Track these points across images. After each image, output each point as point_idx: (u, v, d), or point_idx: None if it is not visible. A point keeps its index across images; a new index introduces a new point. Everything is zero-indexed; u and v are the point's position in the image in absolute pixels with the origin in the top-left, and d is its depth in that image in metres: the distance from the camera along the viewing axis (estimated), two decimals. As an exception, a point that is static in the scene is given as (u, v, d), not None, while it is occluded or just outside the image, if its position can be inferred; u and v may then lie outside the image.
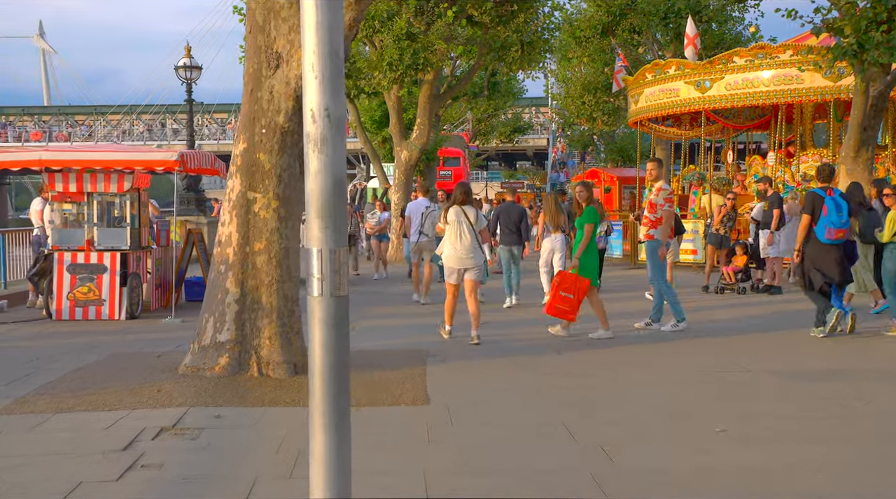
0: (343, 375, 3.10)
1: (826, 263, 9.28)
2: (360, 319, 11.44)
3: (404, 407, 6.41)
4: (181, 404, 6.37)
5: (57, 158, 10.98)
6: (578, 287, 9.35)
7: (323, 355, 3.01)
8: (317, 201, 3.01)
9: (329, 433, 2.83)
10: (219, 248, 7.56)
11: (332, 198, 3.04)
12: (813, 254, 9.36)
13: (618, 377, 7.53)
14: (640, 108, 21.77)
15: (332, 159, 3.07)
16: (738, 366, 7.95)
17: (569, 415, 6.11)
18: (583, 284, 9.37)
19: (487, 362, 8.22)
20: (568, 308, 9.36)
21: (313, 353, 3.04)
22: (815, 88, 17.79)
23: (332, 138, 3.06)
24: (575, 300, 9.33)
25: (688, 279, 16.48)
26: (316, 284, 3.00)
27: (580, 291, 9.35)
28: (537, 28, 21.76)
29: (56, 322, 11.10)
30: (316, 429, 2.82)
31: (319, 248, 2.95)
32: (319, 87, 3.01)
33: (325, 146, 3.11)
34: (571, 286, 9.36)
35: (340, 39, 2.90)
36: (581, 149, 51.79)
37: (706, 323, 10.83)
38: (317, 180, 3.08)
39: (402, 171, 22.45)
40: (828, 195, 9.28)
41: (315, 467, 2.71)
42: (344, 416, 2.85)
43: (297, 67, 7.38)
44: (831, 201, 9.21)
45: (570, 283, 9.39)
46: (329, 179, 3.04)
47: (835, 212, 9.14)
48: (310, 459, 2.70)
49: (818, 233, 9.25)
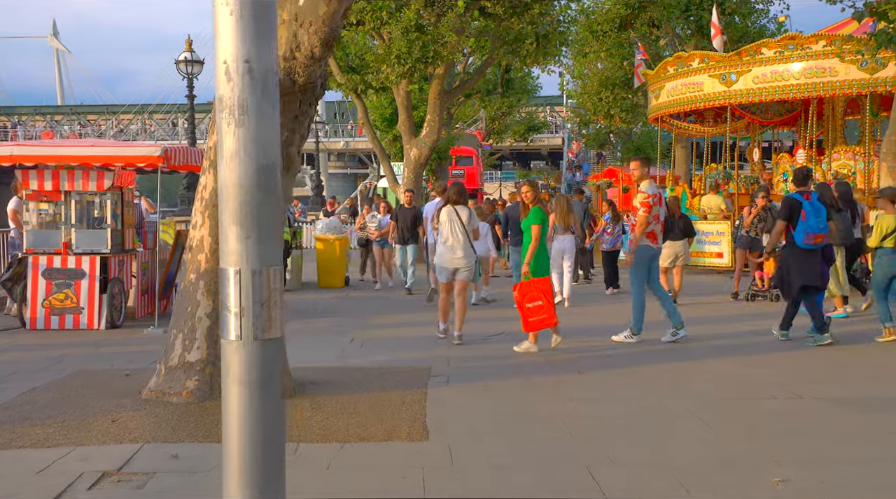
0: (273, 461, 2.12)
1: (805, 269, 9.02)
2: (358, 329, 10.50)
3: (398, 443, 5.43)
4: (135, 440, 5.42)
5: (29, 154, 10.07)
6: (541, 290, 8.71)
7: (243, 434, 2.04)
8: (234, 199, 2.03)
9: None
10: (189, 254, 6.61)
11: (257, 194, 2.05)
12: (791, 259, 9.12)
13: (648, 404, 6.52)
14: (660, 104, 20.73)
15: (257, 136, 2.08)
16: (784, 390, 6.93)
17: (593, 455, 5.12)
18: (544, 284, 8.78)
19: (499, 384, 7.24)
20: (544, 315, 8.65)
21: (229, 429, 2.03)
22: (849, 81, 16.72)
23: (257, 105, 2.06)
24: (545, 304, 8.65)
25: (715, 286, 15.44)
26: (232, 323, 2.03)
27: (545, 292, 8.72)
28: (553, 20, 20.72)
29: (30, 332, 10.19)
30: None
31: (238, 267, 1.98)
32: (237, 28, 2.03)
33: (245, 117, 2.09)
34: (534, 293, 8.68)
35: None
36: (597, 148, 50.65)
37: (739, 336, 9.83)
38: (233, 168, 2.08)
39: (412, 169, 21.50)
40: (805, 199, 9.03)
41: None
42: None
43: (279, 47, 6.42)
44: (809, 206, 8.95)
45: (532, 290, 8.69)
46: (251, 166, 2.05)
47: (813, 216, 8.91)
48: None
49: (797, 238, 8.98)
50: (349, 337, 9.90)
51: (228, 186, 1.99)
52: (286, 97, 6.60)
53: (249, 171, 1.96)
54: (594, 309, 12.54)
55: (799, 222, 8.94)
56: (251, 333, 1.92)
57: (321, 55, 6.43)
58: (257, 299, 1.90)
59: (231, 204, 1.96)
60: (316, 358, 8.43)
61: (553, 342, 8.90)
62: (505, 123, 44.48)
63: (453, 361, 8.29)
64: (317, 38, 6.33)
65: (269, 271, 1.92)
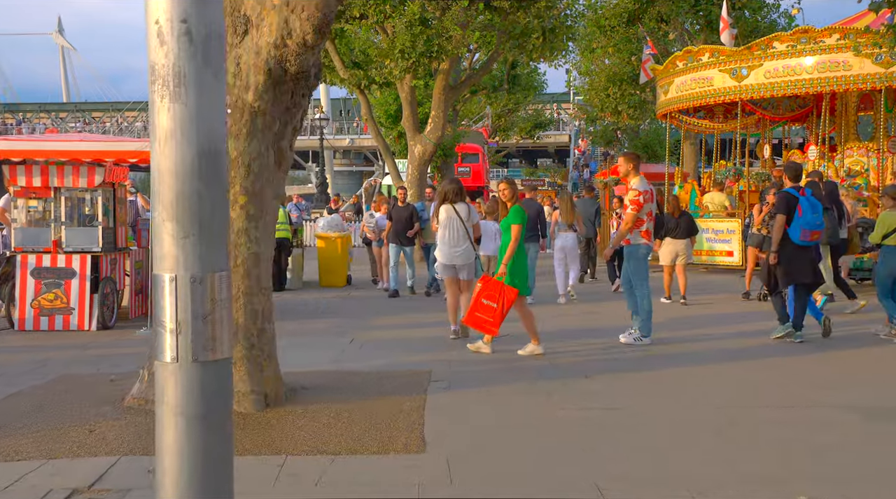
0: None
1: (797, 266, 8.88)
2: (358, 330, 10.14)
3: (393, 456, 5.07)
4: (112, 452, 5.06)
5: (16, 148, 9.74)
6: (503, 297, 8.10)
7: (180, 476, 1.64)
8: (169, 190, 1.68)
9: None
10: (175, 253, 6.24)
11: (197, 184, 1.68)
12: (784, 256, 8.93)
13: (663, 414, 6.14)
14: (669, 99, 20.29)
15: (198, 113, 1.70)
16: (806, 400, 6.55)
17: (605, 471, 4.74)
18: (510, 293, 8.13)
19: (503, 389, 6.87)
20: (489, 319, 8.12)
21: (163, 467, 1.63)
22: (864, 75, 16.26)
23: (197, 75, 1.71)
24: (498, 311, 8.08)
25: (725, 284, 15.04)
26: (167, 341, 1.64)
27: (506, 301, 8.11)
28: (559, 14, 20.28)
29: (18, 333, 9.86)
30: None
31: (173, 273, 1.60)
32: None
33: (181, 89, 1.72)
34: (495, 294, 8.12)
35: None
36: (604, 145, 50.18)
37: (750, 336, 9.45)
38: (167, 152, 1.72)
39: (416, 166, 21.10)
40: (801, 195, 8.87)
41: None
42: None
43: (269, 34, 6.07)
44: (806, 201, 8.80)
45: (494, 290, 8.14)
46: (189, 151, 1.69)
47: (810, 212, 8.76)
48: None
49: (792, 234, 8.83)
50: (348, 338, 9.55)
51: (162, 173, 1.64)
52: (278, 87, 6.24)
53: (188, 156, 1.62)
54: (600, 308, 12.19)
55: (795, 218, 8.77)
56: (189, 353, 1.56)
57: (314, 42, 6.06)
58: (198, 313, 1.55)
59: (165, 196, 1.61)
60: (312, 361, 8.08)
61: (473, 346, 8.53)
62: (511, 120, 44.08)
63: (455, 365, 7.93)
64: (309, 24, 5.97)
65: (213, 278, 1.57)
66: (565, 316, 11.36)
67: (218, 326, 1.57)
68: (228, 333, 1.63)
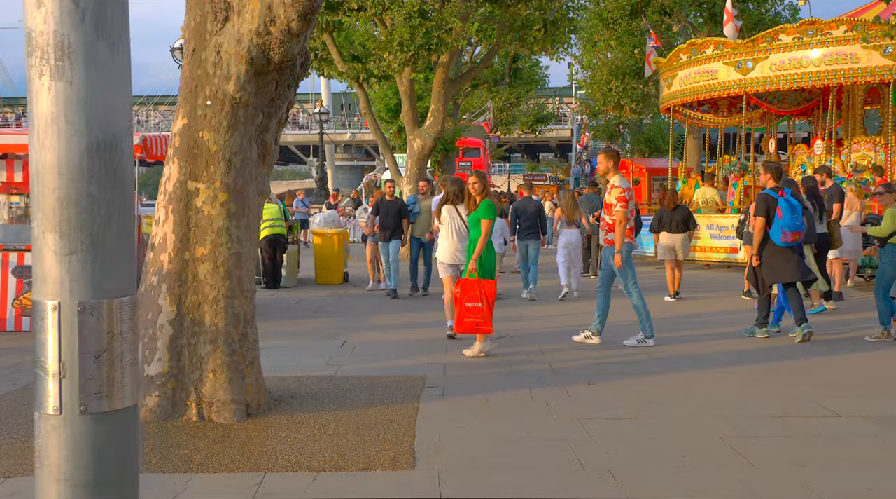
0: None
1: (781, 267, 8.81)
2: (351, 331, 9.79)
3: (380, 473, 4.72)
4: (77, 469, 4.72)
5: (-4, 143, 9.40)
6: (484, 292, 8.00)
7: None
8: (50, 192, 1.30)
9: None
10: (152, 253, 5.89)
11: (88, 186, 1.32)
12: (766, 257, 8.88)
13: (670, 424, 5.79)
14: (673, 93, 19.92)
15: (88, 95, 1.32)
16: (819, 407, 6.19)
17: (612, 493, 4.40)
18: (489, 287, 8.05)
19: (500, 397, 6.51)
20: (480, 319, 7.98)
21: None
22: (871, 68, 15.90)
23: (86, 45, 1.33)
24: (485, 308, 7.98)
25: (726, 282, 14.67)
26: (49, 388, 1.23)
27: (488, 295, 8.02)
28: (561, 6, 19.89)
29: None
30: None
31: (56, 301, 1.18)
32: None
33: (66, 63, 1.36)
34: (475, 294, 7.99)
35: None
36: (606, 140, 49.81)
37: (754, 339, 9.10)
38: (49, 143, 1.33)
39: (415, 161, 20.72)
40: (780, 196, 8.78)
41: None
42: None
43: (251, 21, 5.71)
44: (785, 203, 8.71)
45: (473, 290, 8.01)
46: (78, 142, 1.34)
47: (789, 214, 8.67)
48: None
49: (772, 236, 8.76)
50: (341, 340, 9.20)
51: (42, 171, 1.28)
52: (261, 77, 5.89)
53: (75, 149, 1.27)
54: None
55: (775, 220, 8.70)
56: (76, 403, 1.20)
57: (299, 30, 5.70)
58: (88, 350, 1.19)
59: (46, 200, 1.26)
60: (301, 365, 7.74)
61: (472, 350, 8.18)
62: (513, 114, 43.74)
63: (451, 369, 7.58)
64: (294, 10, 5.61)
65: (110, 306, 1.20)
66: (567, 315, 11.01)
67: (117, 368, 1.22)
68: (132, 376, 1.27)
